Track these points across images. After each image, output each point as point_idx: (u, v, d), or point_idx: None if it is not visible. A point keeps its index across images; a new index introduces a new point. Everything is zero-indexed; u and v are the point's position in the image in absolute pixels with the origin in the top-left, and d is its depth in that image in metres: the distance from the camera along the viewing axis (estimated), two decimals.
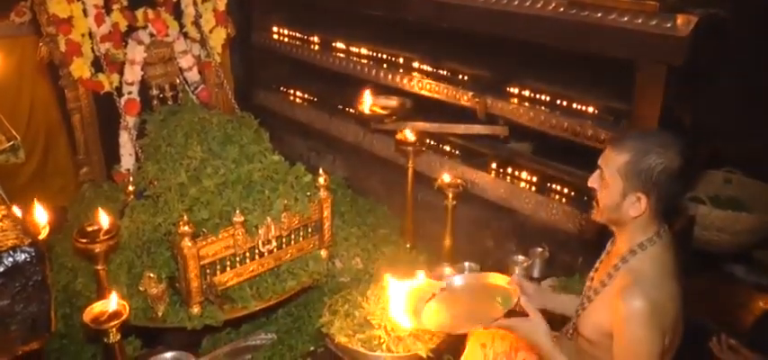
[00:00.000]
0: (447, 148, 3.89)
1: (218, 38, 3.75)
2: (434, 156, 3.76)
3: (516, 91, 3.47)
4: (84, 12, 3.26)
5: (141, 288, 2.68)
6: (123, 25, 3.39)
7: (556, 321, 2.24)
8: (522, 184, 3.42)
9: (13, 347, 1.01)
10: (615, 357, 1.85)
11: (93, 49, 3.30)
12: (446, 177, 3.35)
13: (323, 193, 3.00)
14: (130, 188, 3.02)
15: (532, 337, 2.00)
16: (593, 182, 1.96)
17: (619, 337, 1.82)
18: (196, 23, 3.64)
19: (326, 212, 3.02)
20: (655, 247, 1.87)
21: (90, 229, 2.56)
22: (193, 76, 3.64)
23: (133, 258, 2.80)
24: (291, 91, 4.82)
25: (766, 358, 2.24)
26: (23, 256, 0.98)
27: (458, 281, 2.39)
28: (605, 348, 1.90)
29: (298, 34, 4.70)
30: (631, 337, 1.78)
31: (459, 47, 3.82)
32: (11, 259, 0.97)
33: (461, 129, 3.75)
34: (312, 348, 2.82)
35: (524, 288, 2.19)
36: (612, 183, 1.86)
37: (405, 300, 2.43)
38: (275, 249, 2.88)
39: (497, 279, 2.28)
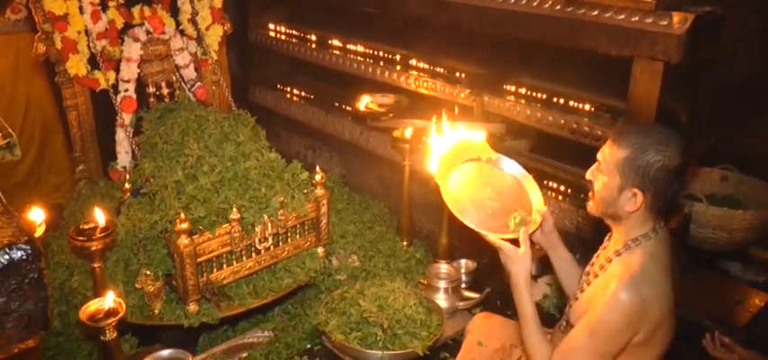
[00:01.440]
0: None
1: (215, 35, 3.74)
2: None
3: (513, 89, 3.47)
4: (81, 9, 3.25)
5: (138, 286, 2.67)
6: (120, 22, 3.38)
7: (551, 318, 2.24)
8: None
9: (8, 345, 1.01)
10: (577, 324, 1.86)
11: (89, 46, 3.29)
12: None
13: (319, 191, 3.00)
14: (127, 186, 3.01)
15: (511, 266, 2.02)
16: (590, 174, 1.97)
17: (591, 310, 1.83)
18: (193, 21, 3.64)
19: (323, 210, 3.02)
20: (650, 243, 1.87)
21: (86, 226, 2.55)
22: (190, 73, 3.63)
23: (130, 256, 2.80)
24: (288, 88, 4.82)
25: (760, 356, 2.24)
26: (19, 254, 0.98)
27: (506, 164, 2.37)
28: None
29: (294, 32, 4.70)
30: (602, 317, 1.79)
31: (456, 45, 3.82)
32: (7, 256, 0.97)
33: None
34: (309, 346, 2.82)
35: (545, 223, 2.20)
36: (610, 177, 1.87)
37: (449, 147, 2.38)
38: (272, 247, 2.89)
39: (535, 196, 2.27)
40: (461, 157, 2.34)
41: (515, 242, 2.05)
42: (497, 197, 2.25)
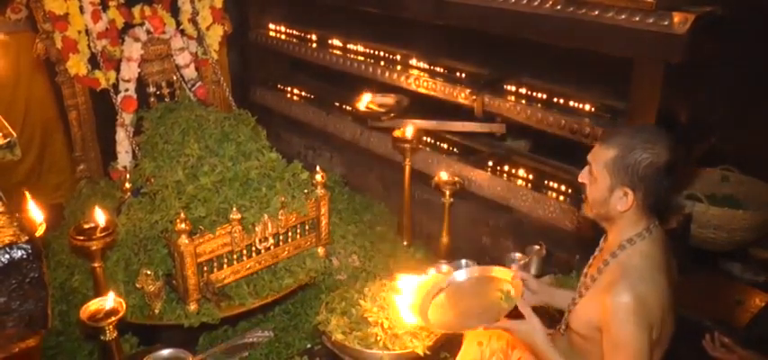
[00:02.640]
0: (444, 145, 3.89)
1: (215, 35, 3.74)
2: (431, 153, 3.76)
3: (513, 89, 3.47)
4: (81, 9, 3.25)
5: (138, 285, 2.68)
6: (120, 22, 3.38)
7: (553, 318, 2.25)
8: (519, 182, 3.42)
9: (9, 344, 1.01)
10: (605, 352, 1.86)
11: (89, 46, 3.29)
12: (443, 175, 3.36)
13: (320, 191, 3.00)
14: (127, 185, 3.01)
15: (530, 339, 2.01)
16: (582, 177, 1.98)
17: (607, 332, 1.83)
18: (193, 20, 3.64)
19: (323, 210, 3.02)
20: (644, 242, 1.88)
21: (87, 226, 2.56)
22: (190, 73, 3.63)
23: (130, 256, 2.80)
24: (288, 88, 4.82)
25: (761, 356, 2.24)
26: (20, 253, 0.98)
27: (462, 276, 2.42)
28: (596, 343, 1.91)
29: (295, 32, 4.70)
30: (619, 332, 1.79)
31: (456, 44, 3.82)
32: (7, 256, 0.97)
33: (458, 126, 3.75)
34: (309, 346, 2.82)
35: (528, 283, 2.22)
36: (600, 178, 1.88)
37: (412, 295, 2.48)
38: (272, 247, 2.89)
39: (501, 273, 2.31)
40: (427, 298, 2.40)
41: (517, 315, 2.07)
42: (474, 298, 2.30)
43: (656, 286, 1.82)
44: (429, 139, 3.90)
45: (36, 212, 2.45)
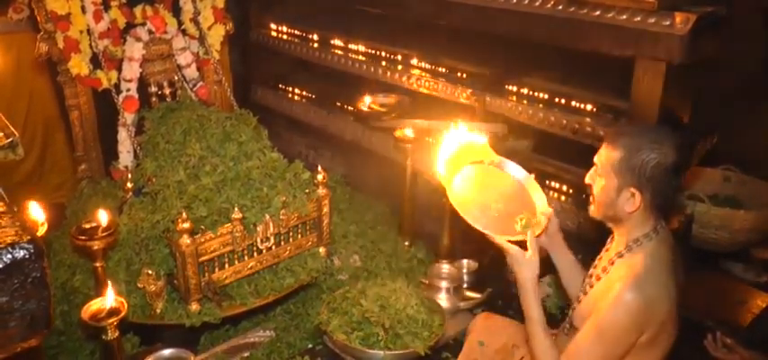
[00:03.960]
0: None
1: (217, 35, 3.74)
2: (433, 154, 3.76)
3: (515, 89, 3.47)
4: (83, 8, 3.25)
5: (139, 285, 2.67)
6: (122, 22, 3.38)
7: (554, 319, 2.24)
8: None
9: (11, 344, 1.01)
10: (584, 327, 1.86)
11: (91, 45, 3.29)
12: None
13: (321, 191, 3.00)
14: (129, 185, 3.01)
15: (520, 271, 2.01)
16: (589, 178, 1.97)
17: (597, 312, 1.83)
18: (195, 20, 3.64)
19: (325, 210, 3.02)
20: (652, 243, 1.87)
21: (88, 225, 2.56)
22: (192, 73, 3.63)
23: (131, 255, 2.80)
24: (290, 88, 4.82)
25: (762, 356, 2.24)
26: (22, 253, 0.98)
27: (509, 167, 2.37)
28: None
29: (296, 31, 4.70)
30: (608, 318, 1.79)
31: (458, 44, 3.82)
32: (9, 256, 0.97)
33: None
34: (310, 345, 2.82)
35: (550, 225, 2.19)
36: (607, 179, 1.88)
37: (454, 149, 2.39)
38: (274, 247, 2.89)
39: (539, 197, 2.27)
40: (464, 160, 2.34)
41: (522, 245, 2.05)
42: (502, 200, 2.25)
43: (664, 288, 1.82)
44: (430, 140, 3.90)
45: (38, 212, 2.45)
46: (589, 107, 3.17)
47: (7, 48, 3.86)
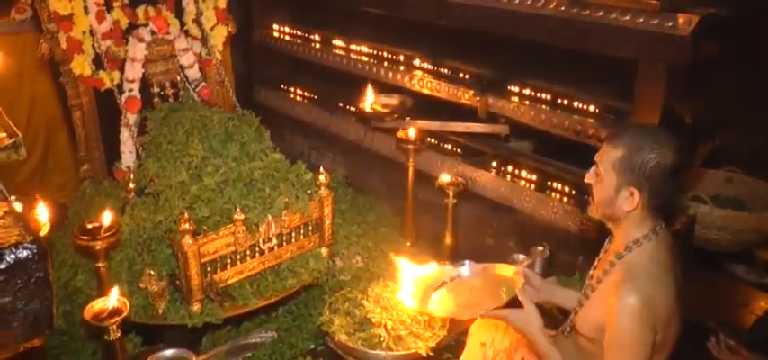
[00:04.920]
0: (448, 146, 3.89)
1: (219, 35, 3.74)
2: (435, 154, 3.76)
3: (517, 89, 3.47)
4: (86, 9, 3.25)
5: (142, 285, 2.68)
6: (124, 23, 3.38)
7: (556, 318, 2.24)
8: (523, 183, 3.42)
9: (14, 344, 1.02)
10: (605, 349, 1.86)
11: (93, 46, 3.29)
12: (446, 176, 3.35)
13: (323, 192, 3.00)
14: (131, 186, 3.01)
15: (525, 328, 2.02)
16: (589, 177, 1.98)
17: (610, 329, 1.83)
18: (197, 21, 3.64)
19: (327, 211, 3.02)
20: (651, 244, 1.87)
21: (91, 226, 2.56)
22: (194, 73, 3.63)
23: (134, 256, 2.80)
24: (292, 89, 4.82)
25: (765, 358, 2.24)
26: (25, 253, 0.98)
27: (465, 271, 2.45)
28: (602, 345, 1.90)
29: (298, 32, 4.70)
30: (621, 331, 1.79)
31: (460, 45, 3.82)
32: (13, 256, 0.97)
33: (462, 127, 3.75)
34: (312, 346, 2.82)
35: (531, 280, 2.24)
36: (607, 177, 1.88)
37: (413, 285, 2.47)
38: (276, 247, 2.89)
39: (505, 270, 2.34)
40: (429, 290, 2.43)
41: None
42: (479, 293, 2.33)
43: (663, 288, 1.82)
44: (432, 140, 3.90)
45: (41, 212, 2.45)
46: (591, 108, 3.16)
47: (10, 48, 3.86)
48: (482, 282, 2.37)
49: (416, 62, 3.97)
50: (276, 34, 4.80)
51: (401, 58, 4.06)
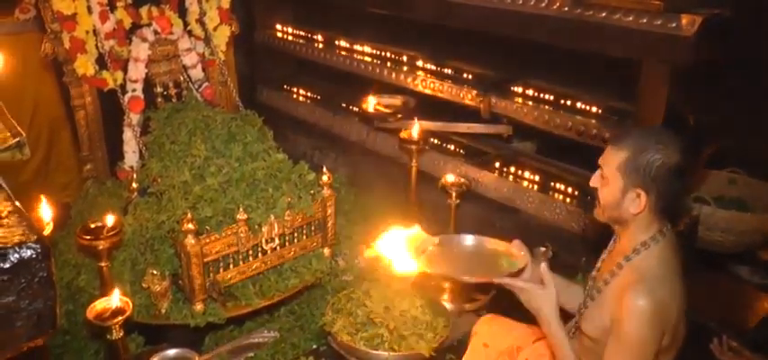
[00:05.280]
0: (451, 147, 3.89)
1: (223, 36, 3.75)
2: (438, 155, 3.76)
3: (520, 90, 3.47)
4: (89, 9, 3.26)
5: (144, 285, 2.68)
6: (127, 22, 3.39)
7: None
8: (526, 184, 3.42)
9: (17, 343, 1.01)
10: (608, 347, 1.85)
11: (97, 46, 3.30)
12: (450, 176, 3.35)
13: (326, 192, 3.00)
14: (134, 185, 3.02)
15: (541, 308, 1.95)
16: (594, 181, 1.97)
17: (617, 329, 1.82)
18: (200, 21, 3.64)
19: (330, 211, 3.02)
20: (658, 246, 1.87)
21: (94, 225, 2.56)
22: (197, 73, 3.64)
23: (136, 255, 2.80)
24: (295, 89, 4.83)
25: None
26: (29, 253, 0.98)
27: (455, 239, 2.32)
28: (605, 346, 1.90)
29: (302, 33, 4.71)
30: (629, 332, 1.78)
31: (463, 46, 3.82)
32: (17, 256, 0.97)
33: (465, 128, 3.75)
34: (315, 346, 2.82)
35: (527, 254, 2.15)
36: (612, 180, 1.87)
37: (400, 249, 2.34)
38: (278, 247, 2.89)
39: (497, 244, 2.22)
40: (417, 252, 2.28)
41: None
42: (473, 261, 2.21)
43: (673, 290, 1.81)
44: (435, 141, 3.90)
45: (44, 212, 2.46)
46: (594, 109, 3.16)
47: (13, 48, 3.87)
48: (475, 252, 2.24)
49: (419, 62, 3.98)
50: (279, 34, 4.81)
51: (404, 58, 4.06)
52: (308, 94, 4.75)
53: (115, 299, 2.27)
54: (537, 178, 3.44)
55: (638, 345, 1.78)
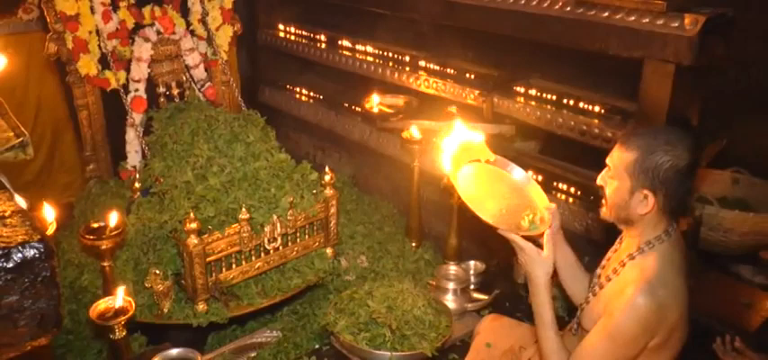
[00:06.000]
0: None
1: (225, 35, 3.75)
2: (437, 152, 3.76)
3: (523, 90, 3.46)
4: (92, 9, 3.27)
5: (147, 285, 2.68)
6: (130, 22, 3.39)
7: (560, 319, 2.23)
8: None
9: (21, 343, 1.02)
10: (595, 328, 1.84)
11: (100, 46, 3.31)
12: None
13: (329, 191, 3.00)
14: (137, 185, 3.03)
15: (534, 269, 1.97)
16: (601, 180, 1.96)
17: (609, 315, 1.82)
18: (203, 21, 3.65)
19: (332, 210, 3.02)
20: (663, 245, 1.86)
21: (96, 225, 2.57)
22: (200, 73, 3.64)
23: (139, 255, 2.81)
24: (298, 89, 4.83)
25: None
26: (32, 252, 0.98)
27: (508, 167, 2.34)
28: None
29: (304, 32, 4.71)
30: (620, 324, 1.78)
31: (466, 46, 3.82)
32: (20, 255, 0.97)
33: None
34: (317, 346, 2.82)
35: (554, 221, 2.14)
36: (620, 180, 1.87)
37: (455, 147, 2.35)
38: (281, 247, 2.89)
39: (538, 196, 2.23)
40: (464, 158, 2.31)
41: (533, 243, 2.02)
42: (504, 198, 2.22)
43: (676, 291, 1.81)
44: (436, 140, 3.90)
45: (47, 211, 2.46)
46: (597, 109, 3.16)
47: (17, 48, 3.89)
48: (512, 192, 2.25)
49: (422, 62, 3.97)
50: (282, 34, 4.81)
51: (407, 58, 4.06)
52: (311, 93, 4.75)
53: (120, 298, 2.28)
54: (540, 178, 3.43)
55: (623, 337, 1.77)
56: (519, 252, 2.02)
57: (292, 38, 4.74)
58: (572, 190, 3.31)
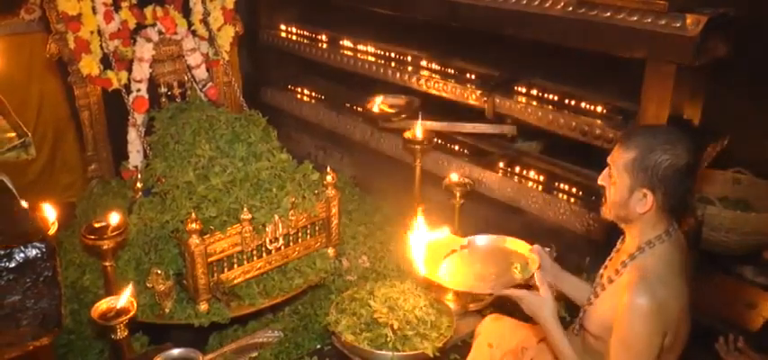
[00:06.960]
0: (455, 147, 3.88)
1: (227, 36, 3.75)
2: (442, 155, 3.76)
3: (524, 90, 3.46)
4: (94, 9, 3.26)
5: (148, 285, 2.68)
6: (132, 23, 3.39)
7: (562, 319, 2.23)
8: (530, 184, 3.42)
9: (23, 342, 1.02)
10: (611, 347, 1.85)
11: (101, 46, 3.30)
12: (454, 176, 3.35)
13: (330, 192, 3.00)
14: (138, 185, 3.03)
15: (538, 313, 1.99)
16: (602, 179, 1.97)
17: (618, 328, 1.82)
18: (204, 21, 3.65)
19: (334, 211, 3.02)
20: (663, 245, 1.87)
21: (98, 225, 2.57)
22: (201, 73, 3.64)
23: (141, 255, 2.81)
24: (299, 89, 4.83)
25: None
26: (34, 252, 0.98)
27: (479, 241, 2.43)
28: (608, 343, 1.90)
29: (306, 32, 4.71)
30: (630, 330, 1.79)
31: (468, 46, 3.81)
32: (22, 255, 0.97)
33: (469, 128, 3.75)
34: (319, 346, 2.82)
35: (542, 260, 2.20)
36: (620, 179, 1.87)
37: (424, 251, 2.45)
38: (282, 247, 2.89)
39: (519, 245, 2.32)
40: (439, 256, 2.42)
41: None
42: (490, 265, 2.31)
43: (675, 290, 1.81)
44: (440, 141, 3.90)
45: (49, 211, 2.46)
46: (599, 109, 3.15)
47: (19, 48, 3.89)
48: (494, 255, 2.34)
49: (424, 62, 3.97)
50: (283, 34, 4.80)
51: (408, 58, 4.06)
52: (313, 93, 4.75)
53: (124, 299, 2.27)
54: (541, 178, 3.44)
55: (639, 344, 1.78)
56: (520, 304, 2.06)
57: (294, 38, 4.74)
58: (573, 190, 3.31)
